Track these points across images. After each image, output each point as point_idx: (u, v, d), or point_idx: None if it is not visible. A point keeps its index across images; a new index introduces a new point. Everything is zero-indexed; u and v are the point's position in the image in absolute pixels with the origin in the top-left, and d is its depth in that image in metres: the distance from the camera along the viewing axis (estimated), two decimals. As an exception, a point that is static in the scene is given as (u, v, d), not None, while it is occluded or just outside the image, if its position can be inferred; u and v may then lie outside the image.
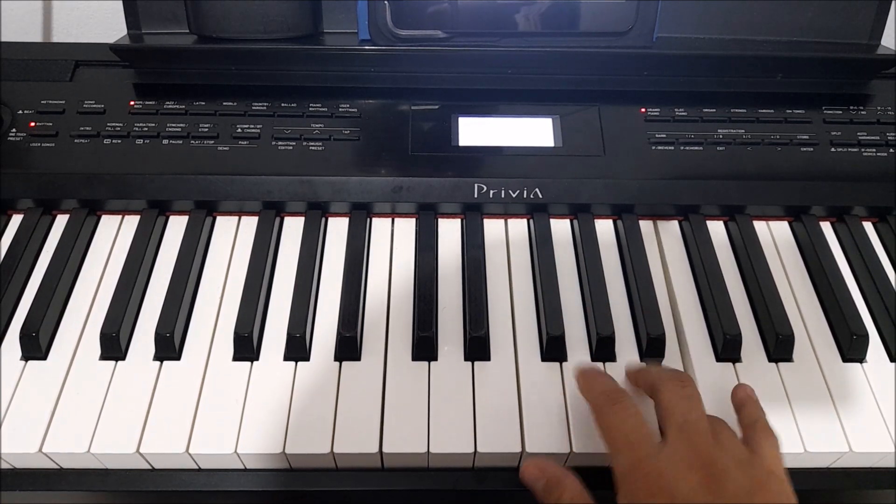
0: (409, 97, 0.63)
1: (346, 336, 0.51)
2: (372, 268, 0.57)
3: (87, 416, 0.48)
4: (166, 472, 0.48)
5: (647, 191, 0.60)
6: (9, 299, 0.54)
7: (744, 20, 0.65)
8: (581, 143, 0.61)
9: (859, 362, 0.52)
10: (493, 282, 0.56)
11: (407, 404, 0.48)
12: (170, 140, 0.60)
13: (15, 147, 0.60)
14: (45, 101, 0.62)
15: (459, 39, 0.62)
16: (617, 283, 0.57)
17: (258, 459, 0.47)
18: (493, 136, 0.62)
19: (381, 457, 0.47)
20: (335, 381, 0.50)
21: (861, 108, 0.64)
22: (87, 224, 0.59)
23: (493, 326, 0.53)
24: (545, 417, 0.48)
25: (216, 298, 0.55)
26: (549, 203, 0.60)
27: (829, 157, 0.61)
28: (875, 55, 0.64)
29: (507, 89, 0.64)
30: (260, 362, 0.51)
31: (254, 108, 0.62)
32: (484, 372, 0.50)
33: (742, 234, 0.59)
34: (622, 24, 0.62)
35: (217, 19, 0.62)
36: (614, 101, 0.63)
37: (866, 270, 0.57)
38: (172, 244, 0.58)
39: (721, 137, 0.62)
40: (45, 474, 0.48)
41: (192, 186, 0.59)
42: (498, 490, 0.49)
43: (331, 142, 0.61)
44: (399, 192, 0.59)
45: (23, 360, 0.51)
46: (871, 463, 0.49)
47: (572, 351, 0.52)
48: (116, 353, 0.51)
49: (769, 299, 0.54)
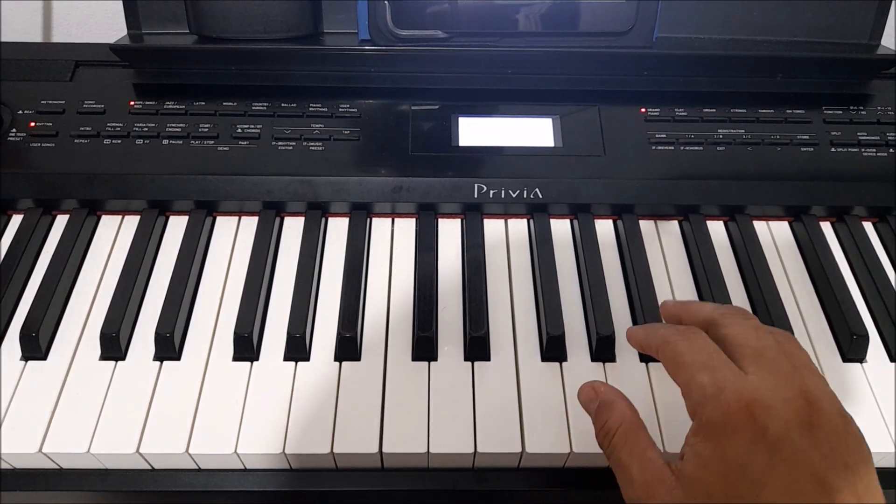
0: (409, 97, 0.63)
1: (345, 336, 0.51)
2: (372, 268, 0.57)
3: (86, 417, 0.48)
4: (166, 473, 0.48)
5: (647, 191, 0.60)
6: (9, 299, 0.54)
7: (744, 20, 0.65)
8: (581, 143, 0.61)
9: (859, 362, 0.52)
10: (493, 282, 0.56)
11: (407, 404, 0.48)
12: (170, 140, 0.60)
13: (15, 147, 0.60)
14: (45, 101, 0.62)
15: (459, 39, 0.62)
16: (617, 283, 0.57)
17: (258, 459, 0.47)
18: (494, 136, 0.62)
19: (381, 457, 0.47)
20: (335, 382, 0.50)
21: (861, 108, 0.64)
22: (87, 224, 0.59)
23: (493, 326, 0.53)
24: (545, 417, 0.48)
25: (216, 298, 0.55)
26: (549, 203, 0.60)
27: (829, 157, 0.61)
28: (875, 55, 0.64)
29: (507, 89, 0.64)
30: (260, 362, 0.51)
31: (254, 108, 0.62)
32: (484, 372, 0.50)
33: (742, 234, 0.59)
34: (622, 24, 0.62)
35: (217, 19, 0.62)
36: (614, 101, 0.63)
37: (866, 270, 0.57)
38: (172, 244, 0.58)
39: (721, 137, 0.62)
40: (45, 474, 0.48)
41: (192, 186, 0.59)
42: (498, 490, 0.49)
43: (331, 142, 0.61)
44: (399, 192, 0.59)
45: (23, 360, 0.51)
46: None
47: (572, 351, 0.52)
48: (116, 354, 0.51)
49: (769, 299, 0.54)
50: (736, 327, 0.39)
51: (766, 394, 0.34)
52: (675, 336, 0.39)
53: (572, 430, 0.47)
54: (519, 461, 0.48)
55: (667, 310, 0.45)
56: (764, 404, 0.33)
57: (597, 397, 0.42)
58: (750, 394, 0.34)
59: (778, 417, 0.33)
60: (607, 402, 0.41)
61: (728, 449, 0.33)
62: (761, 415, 0.33)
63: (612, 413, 0.40)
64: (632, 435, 0.39)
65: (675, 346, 0.38)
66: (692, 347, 0.38)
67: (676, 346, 0.38)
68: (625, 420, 0.39)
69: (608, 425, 0.40)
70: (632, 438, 0.38)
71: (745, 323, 0.39)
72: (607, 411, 0.40)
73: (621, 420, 0.39)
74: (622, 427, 0.39)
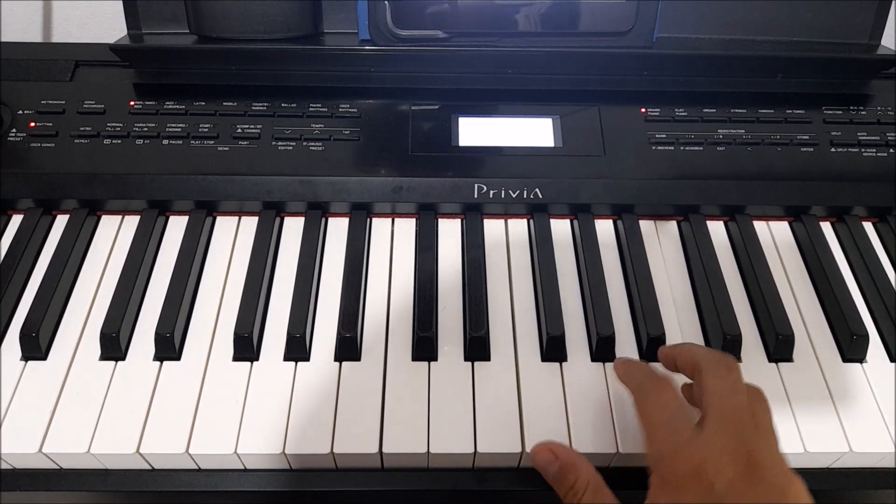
0: (409, 97, 0.63)
1: (345, 336, 0.51)
2: (372, 268, 0.57)
3: (86, 417, 0.48)
4: (166, 473, 0.48)
5: (647, 191, 0.60)
6: (9, 299, 0.54)
7: (744, 20, 0.65)
8: (581, 143, 0.61)
9: (859, 362, 0.52)
10: (493, 282, 0.56)
11: (407, 404, 0.48)
12: (170, 140, 0.60)
13: (15, 147, 0.60)
14: (45, 101, 0.62)
15: (459, 39, 0.62)
16: (617, 283, 0.57)
17: (258, 459, 0.47)
18: (493, 136, 0.62)
19: (381, 457, 0.47)
20: (335, 382, 0.50)
21: (861, 108, 0.64)
22: (87, 224, 0.59)
23: (493, 326, 0.53)
24: (545, 417, 0.48)
25: (216, 299, 0.55)
26: (549, 203, 0.60)
27: (829, 157, 0.61)
28: (875, 55, 0.64)
29: (507, 89, 0.64)
30: (260, 362, 0.51)
31: (254, 108, 0.62)
32: (484, 372, 0.50)
33: (742, 234, 0.59)
34: (622, 24, 0.62)
35: (217, 19, 0.62)
36: (614, 101, 0.63)
37: (866, 270, 0.57)
38: (172, 244, 0.58)
39: (721, 137, 0.62)
40: (45, 474, 0.48)
41: (192, 186, 0.59)
42: (498, 490, 0.49)
43: (331, 142, 0.61)
44: (399, 192, 0.59)
45: (23, 360, 0.51)
46: (872, 463, 0.49)
47: (572, 351, 0.52)
48: (116, 354, 0.51)
49: (769, 299, 0.54)
50: (715, 379, 0.42)
51: (715, 454, 0.38)
52: (647, 385, 0.44)
53: (572, 430, 0.47)
54: (519, 461, 0.48)
55: (663, 355, 0.48)
56: (712, 465, 0.38)
57: (556, 460, 0.44)
58: (700, 456, 0.38)
59: (723, 475, 0.37)
60: (570, 464, 0.44)
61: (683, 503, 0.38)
62: (709, 474, 0.37)
63: (579, 474, 0.43)
64: (600, 492, 0.43)
65: (646, 400, 0.43)
66: (658, 403, 0.42)
67: (646, 399, 0.43)
68: (591, 479, 0.43)
69: (577, 486, 0.43)
70: (600, 495, 0.43)
71: (725, 377, 0.42)
72: (573, 472, 0.44)
73: (588, 479, 0.43)
74: (591, 486, 0.43)
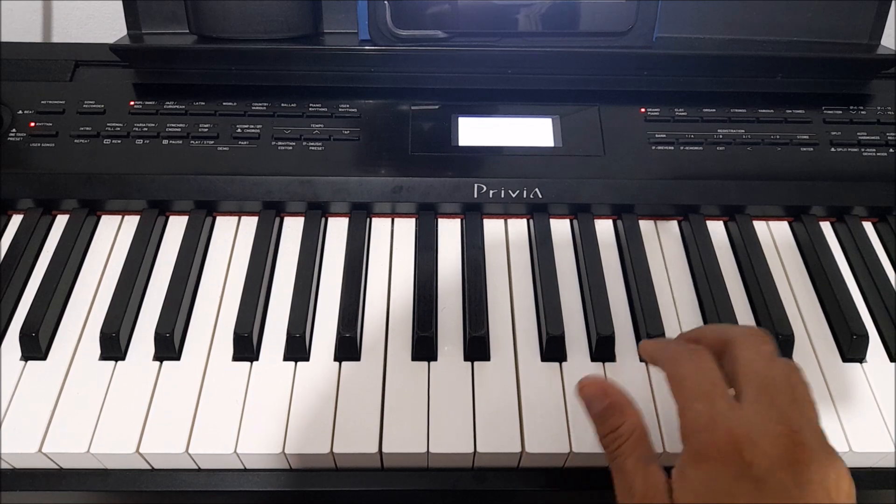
0: (408, 97, 0.63)
1: (345, 336, 0.51)
2: (372, 268, 0.57)
3: (86, 417, 0.48)
4: (166, 473, 0.48)
5: (647, 191, 0.60)
6: (9, 299, 0.54)
7: (744, 20, 0.65)
8: (581, 143, 0.61)
9: (859, 362, 0.52)
10: (492, 282, 0.56)
11: (407, 404, 0.48)
12: (170, 140, 0.60)
13: (15, 147, 0.60)
14: (45, 101, 0.62)
15: (459, 39, 0.62)
16: (617, 283, 0.57)
17: (258, 459, 0.47)
18: (493, 136, 0.62)
19: (380, 457, 0.47)
20: (335, 381, 0.50)
21: (861, 108, 0.64)
22: (87, 224, 0.59)
23: (492, 326, 0.53)
24: (545, 417, 0.48)
25: (216, 298, 0.55)
26: (549, 203, 0.60)
27: (829, 157, 0.61)
28: (875, 55, 0.64)
29: (507, 89, 0.64)
30: (260, 362, 0.51)
31: (254, 108, 0.62)
32: (484, 372, 0.50)
33: (742, 234, 0.59)
34: (622, 24, 0.62)
35: (217, 19, 0.62)
36: (614, 101, 0.63)
37: (866, 270, 0.57)
38: (172, 244, 0.58)
39: (721, 137, 0.62)
40: (45, 474, 0.48)
41: (192, 186, 0.59)
42: (497, 490, 0.49)
43: (331, 142, 0.61)
44: (399, 192, 0.59)
45: (23, 360, 0.51)
46: (871, 463, 0.49)
47: (572, 351, 0.52)
48: (116, 353, 0.51)
49: (769, 299, 0.54)
50: (750, 352, 0.39)
51: (756, 430, 0.35)
52: (682, 356, 0.40)
53: (572, 430, 0.47)
54: (519, 461, 0.48)
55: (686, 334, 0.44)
56: (751, 441, 0.35)
57: (605, 397, 0.41)
58: (739, 431, 0.35)
59: (764, 455, 0.34)
60: (619, 406, 0.40)
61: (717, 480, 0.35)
62: (748, 452, 0.34)
63: (625, 419, 0.40)
64: (641, 444, 0.39)
65: (681, 367, 0.39)
66: (696, 371, 0.38)
67: (682, 368, 0.39)
68: (637, 428, 0.39)
69: (621, 431, 0.39)
70: (641, 448, 0.39)
71: (760, 349, 0.39)
72: (619, 416, 0.40)
73: (634, 428, 0.39)
74: (635, 435, 0.39)
